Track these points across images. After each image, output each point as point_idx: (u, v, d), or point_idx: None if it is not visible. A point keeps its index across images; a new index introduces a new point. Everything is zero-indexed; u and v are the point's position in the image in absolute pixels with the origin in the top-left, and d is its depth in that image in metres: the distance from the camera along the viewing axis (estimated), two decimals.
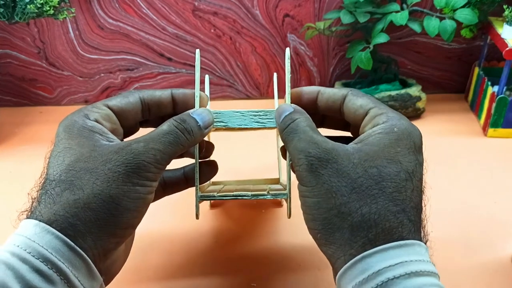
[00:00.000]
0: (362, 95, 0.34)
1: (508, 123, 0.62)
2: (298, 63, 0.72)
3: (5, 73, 0.70)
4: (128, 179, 0.30)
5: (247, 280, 0.43)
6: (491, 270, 0.43)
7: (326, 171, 0.29)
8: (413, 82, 0.68)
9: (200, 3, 0.66)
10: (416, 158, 0.31)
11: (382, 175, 0.29)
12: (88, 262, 0.29)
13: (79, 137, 0.32)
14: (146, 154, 0.31)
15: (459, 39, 0.68)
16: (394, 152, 0.30)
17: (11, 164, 0.59)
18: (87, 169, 0.30)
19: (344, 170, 0.29)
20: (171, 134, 0.33)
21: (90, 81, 0.72)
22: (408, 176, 0.30)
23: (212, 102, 0.74)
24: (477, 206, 0.51)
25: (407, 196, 0.29)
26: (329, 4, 0.67)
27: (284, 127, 0.33)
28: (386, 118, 0.32)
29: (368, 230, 0.28)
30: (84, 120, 0.33)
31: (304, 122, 0.33)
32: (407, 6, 0.61)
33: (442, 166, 0.57)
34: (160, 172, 0.32)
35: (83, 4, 0.65)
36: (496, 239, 0.46)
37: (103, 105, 0.35)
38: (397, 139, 0.31)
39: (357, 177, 0.29)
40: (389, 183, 0.29)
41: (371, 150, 0.30)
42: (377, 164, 0.29)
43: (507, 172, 0.56)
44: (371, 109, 0.33)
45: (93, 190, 0.29)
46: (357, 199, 0.29)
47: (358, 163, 0.29)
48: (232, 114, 0.38)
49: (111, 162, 0.30)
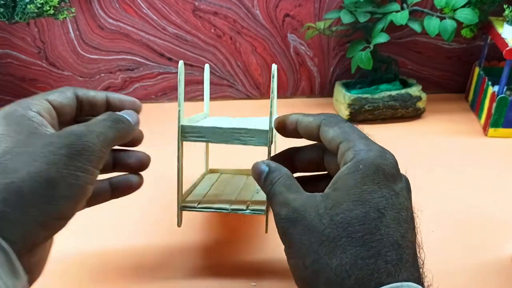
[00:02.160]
0: (334, 125, 0.32)
1: (509, 123, 0.62)
2: (299, 63, 0.72)
3: (5, 73, 0.70)
4: (70, 162, 0.28)
5: (247, 279, 0.43)
6: (491, 270, 0.43)
7: (296, 230, 0.29)
8: (414, 82, 0.68)
9: (200, 3, 0.66)
10: (389, 190, 0.28)
11: (349, 220, 0.27)
12: (11, 257, 0.26)
13: (17, 125, 0.30)
14: (90, 135, 0.30)
15: (459, 39, 0.68)
16: (360, 192, 0.28)
17: None
18: (25, 152, 0.28)
19: (312, 224, 0.28)
20: (108, 120, 0.32)
21: (91, 81, 0.72)
22: (379, 213, 0.27)
23: (212, 102, 0.73)
24: (477, 206, 0.51)
25: (382, 235, 0.27)
26: (329, 4, 0.67)
27: (267, 192, 0.33)
28: (353, 154, 0.30)
29: (342, 284, 0.26)
30: (26, 110, 0.32)
31: (280, 183, 0.32)
32: (408, 6, 0.61)
33: (442, 166, 0.57)
34: (103, 157, 0.31)
35: (83, 4, 0.66)
36: (496, 239, 0.46)
37: (44, 99, 0.34)
38: (362, 176, 0.29)
39: (323, 228, 0.27)
40: (357, 227, 0.27)
41: (337, 196, 0.29)
42: (343, 209, 0.28)
43: (508, 172, 0.56)
44: (340, 143, 0.31)
45: (29, 172, 0.27)
46: (326, 253, 0.27)
47: (324, 213, 0.28)
48: (214, 131, 0.38)
49: (52, 145, 0.29)
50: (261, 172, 0.33)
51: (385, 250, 0.27)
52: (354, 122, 0.66)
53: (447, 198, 0.52)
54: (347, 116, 0.66)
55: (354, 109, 0.65)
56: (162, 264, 0.44)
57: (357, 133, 0.32)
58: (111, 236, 0.48)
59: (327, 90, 0.74)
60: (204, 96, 0.49)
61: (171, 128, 0.70)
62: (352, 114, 0.65)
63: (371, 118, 0.66)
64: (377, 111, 0.65)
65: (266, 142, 0.38)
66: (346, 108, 0.65)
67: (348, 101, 0.65)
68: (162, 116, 0.70)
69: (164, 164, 0.47)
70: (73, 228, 0.30)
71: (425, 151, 0.60)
